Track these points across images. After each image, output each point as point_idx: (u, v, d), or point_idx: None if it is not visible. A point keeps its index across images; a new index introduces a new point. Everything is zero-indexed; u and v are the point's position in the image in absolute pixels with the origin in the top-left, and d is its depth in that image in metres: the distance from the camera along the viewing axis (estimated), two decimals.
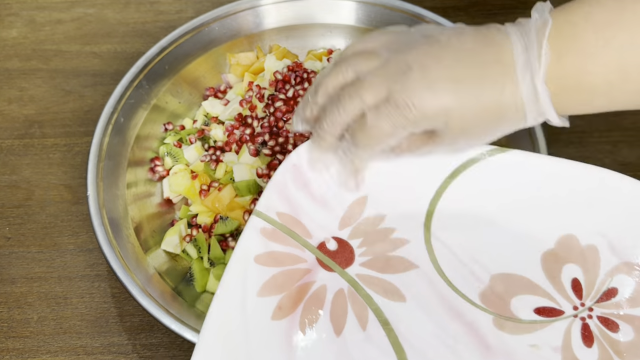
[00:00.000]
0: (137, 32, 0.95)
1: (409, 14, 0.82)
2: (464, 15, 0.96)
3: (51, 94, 0.90)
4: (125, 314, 0.73)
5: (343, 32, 0.86)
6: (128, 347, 0.71)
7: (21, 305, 0.74)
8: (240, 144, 0.77)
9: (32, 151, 0.85)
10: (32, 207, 0.80)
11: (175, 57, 0.81)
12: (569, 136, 0.84)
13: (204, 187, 0.76)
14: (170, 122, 0.81)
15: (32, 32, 0.96)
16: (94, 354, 0.71)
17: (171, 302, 0.67)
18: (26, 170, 0.83)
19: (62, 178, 0.82)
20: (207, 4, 0.98)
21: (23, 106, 0.89)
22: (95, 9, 0.98)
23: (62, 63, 0.93)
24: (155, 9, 0.98)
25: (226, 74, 0.86)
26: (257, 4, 0.84)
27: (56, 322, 0.73)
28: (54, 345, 0.71)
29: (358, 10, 0.84)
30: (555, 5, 0.57)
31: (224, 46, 0.84)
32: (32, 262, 0.76)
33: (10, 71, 0.92)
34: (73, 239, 0.78)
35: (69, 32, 0.96)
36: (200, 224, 0.75)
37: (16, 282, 0.75)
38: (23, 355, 0.71)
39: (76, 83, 0.90)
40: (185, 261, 0.74)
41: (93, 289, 0.75)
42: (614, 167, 0.81)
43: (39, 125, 0.87)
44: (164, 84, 0.80)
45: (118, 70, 0.91)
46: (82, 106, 0.88)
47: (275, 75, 0.81)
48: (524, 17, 0.57)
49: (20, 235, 0.78)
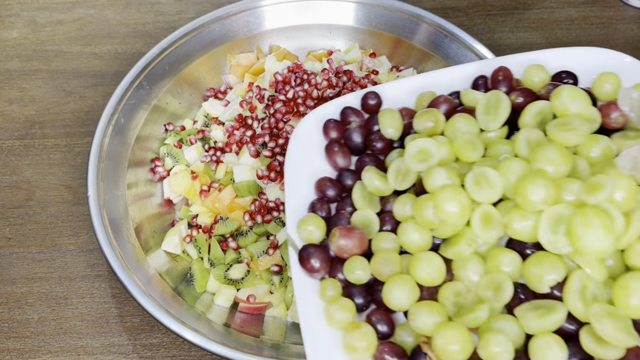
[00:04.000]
0: (137, 33, 0.96)
1: (409, 15, 0.83)
2: (464, 16, 0.96)
3: (52, 95, 0.90)
4: (125, 314, 0.73)
5: (343, 33, 0.86)
6: (128, 347, 0.71)
7: (22, 305, 0.74)
8: (241, 145, 0.77)
9: (33, 152, 0.85)
10: (33, 207, 0.81)
11: (175, 58, 0.81)
12: None
13: (204, 187, 0.76)
14: (170, 123, 0.81)
15: (33, 33, 0.96)
16: (95, 354, 0.71)
17: (171, 302, 0.67)
18: (27, 171, 0.83)
19: (62, 178, 0.83)
20: (208, 4, 0.98)
21: (24, 107, 0.89)
22: (96, 9, 0.98)
23: (62, 64, 0.93)
24: (155, 10, 0.98)
25: (226, 74, 0.86)
26: (257, 5, 0.84)
27: (56, 323, 0.73)
28: (54, 345, 0.72)
29: (358, 11, 0.84)
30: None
31: (224, 47, 0.84)
32: (33, 263, 0.77)
33: (11, 72, 0.92)
34: (73, 240, 0.78)
35: (69, 33, 0.96)
36: (200, 225, 0.75)
37: (17, 283, 0.75)
38: (23, 355, 0.71)
39: (77, 84, 0.91)
40: (186, 261, 0.74)
41: (93, 289, 0.75)
42: None
43: (40, 126, 0.87)
44: (164, 84, 0.81)
45: (118, 71, 0.91)
46: (83, 107, 0.88)
47: (275, 76, 0.81)
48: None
49: (20, 236, 0.79)
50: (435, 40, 0.82)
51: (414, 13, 0.82)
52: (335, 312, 0.50)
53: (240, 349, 0.63)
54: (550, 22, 0.95)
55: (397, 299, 0.48)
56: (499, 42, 0.93)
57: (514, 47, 0.92)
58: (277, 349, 0.65)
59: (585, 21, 0.95)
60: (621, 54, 0.59)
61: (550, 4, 0.97)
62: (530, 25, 0.94)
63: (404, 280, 0.49)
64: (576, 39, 0.93)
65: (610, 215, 0.45)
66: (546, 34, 0.93)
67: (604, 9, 0.96)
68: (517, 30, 0.94)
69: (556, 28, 0.94)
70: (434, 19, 0.82)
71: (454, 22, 0.93)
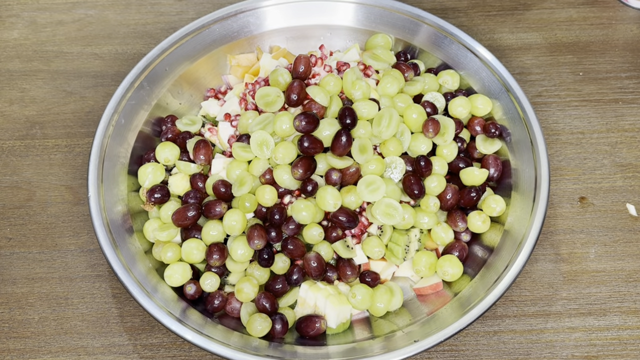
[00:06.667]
0: (138, 33, 0.96)
1: (409, 16, 0.83)
2: (464, 16, 0.96)
3: (52, 95, 0.90)
4: (125, 315, 0.73)
5: (343, 34, 0.86)
6: (129, 347, 0.71)
7: (22, 305, 0.74)
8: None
9: (34, 152, 0.85)
10: (33, 207, 0.81)
11: (176, 59, 0.81)
12: (568, 137, 0.85)
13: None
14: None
15: (33, 34, 0.96)
16: (95, 354, 0.71)
17: (172, 302, 0.67)
18: (27, 171, 0.83)
19: (63, 179, 0.83)
20: (208, 5, 0.98)
21: (24, 107, 0.89)
22: (96, 10, 0.98)
23: (63, 64, 0.93)
24: (156, 10, 0.98)
25: (227, 75, 0.86)
26: (258, 5, 0.84)
27: (57, 323, 0.73)
28: (54, 345, 0.72)
29: (358, 12, 0.84)
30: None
31: (225, 47, 0.84)
32: (33, 263, 0.77)
33: (11, 72, 0.92)
34: (74, 240, 0.78)
35: (70, 34, 0.96)
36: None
37: (17, 283, 0.75)
38: (24, 355, 0.71)
39: (77, 84, 0.91)
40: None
41: (94, 289, 0.75)
42: (613, 167, 0.82)
43: (40, 126, 0.87)
44: (164, 85, 0.81)
45: (119, 72, 0.91)
46: (83, 107, 0.88)
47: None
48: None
49: (21, 236, 0.79)
50: (435, 41, 0.82)
51: (414, 14, 0.82)
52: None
53: (241, 349, 0.63)
54: (550, 22, 0.95)
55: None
56: (499, 43, 0.93)
57: (513, 47, 0.92)
58: (277, 349, 0.65)
59: (585, 21, 0.95)
60: None
61: (550, 5, 0.97)
62: (530, 25, 0.94)
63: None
64: (576, 39, 0.93)
65: None
66: (546, 34, 0.93)
67: (604, 9, 0.96)
68: (517, 31, 0.94)
69: (556, 28, 0.94)
70: (434, 20, 0.82)
71: (454, 23, 0.93)
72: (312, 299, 0.69)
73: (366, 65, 0.80)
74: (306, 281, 0.70)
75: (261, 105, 0.74)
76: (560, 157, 0.83)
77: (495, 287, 0.66)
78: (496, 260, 0.69)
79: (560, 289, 0.74)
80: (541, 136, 0.73)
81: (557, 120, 0.86)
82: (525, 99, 0.75)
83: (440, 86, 0.81)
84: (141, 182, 0.74)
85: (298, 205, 0.69)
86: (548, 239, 0.77)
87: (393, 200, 0.70)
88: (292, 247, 0.69)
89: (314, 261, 0.69)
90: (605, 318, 0.72)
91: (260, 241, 0.67)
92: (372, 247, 0.71)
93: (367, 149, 0.70)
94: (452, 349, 0.71)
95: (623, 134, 0.85)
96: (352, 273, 0.70)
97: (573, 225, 0.78)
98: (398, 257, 0.72)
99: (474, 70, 0.80)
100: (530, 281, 0.75)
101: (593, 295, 0.74)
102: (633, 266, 0.75)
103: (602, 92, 0.88)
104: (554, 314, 0.73)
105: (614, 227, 0.78)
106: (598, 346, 0.71)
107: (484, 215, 0.73)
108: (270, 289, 0.70)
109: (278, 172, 0.71)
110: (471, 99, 0.78)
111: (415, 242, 0.72)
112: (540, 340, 0.71)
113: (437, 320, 0.66)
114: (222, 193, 0.72)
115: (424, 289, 0.72)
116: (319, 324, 0.67)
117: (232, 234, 0.70)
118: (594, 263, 0.76)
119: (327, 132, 0.71)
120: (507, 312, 0.73)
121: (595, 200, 0.80)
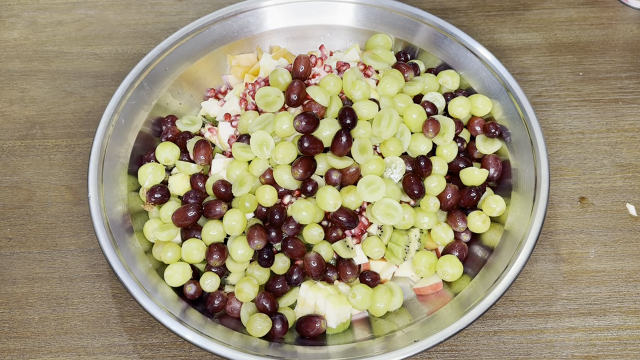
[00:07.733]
0: (138, 34, 0.96)
1: (409, 16, 0.83)
2: (464, 16, 0.96)
3: (52, 95, 0.90)
4: (126, 315, 0.73)
5: (343, 34, 0.86)
6: (129, 347, 0.71)
7: (22, 305, 0.74)
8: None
9: (34, 152, 0.85)
10: (33, 207, 0.81)
11: (176, 59, 0.81)
12: (568, 137, 0.85)
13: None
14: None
15: (34, 34, 0.96)
16: (95, 354, 0.71)
17: (172, 302, 0.67)
18: (27, 171, 0.83)
19: (63, 179, 0.83)
20: (208, 5, 0.98)
21: (24, 107, 0.89)
22: (97, 10, 0.98)
23: (63, 64, 0.93)
24: (156, 11, 0.98)
25: (227, 75, 0.86)
26: (258, 6, 0.84)
27: (57, 323, 0.73)
28: (55, 345, 0.72)
29: (358, 12, 0.84)
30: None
31: (225, 48, 0.84)
32: (33, 263, 0.77)
33: (11, 72, 0.92)
34: (74, 240, 0.78)
35: (70, 34, 0.96)
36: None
37: (17, 283, 0.76)
38: (24, 355, 0.71)
39: (77, 84, 0.91)
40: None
41: (94, 289, 0.75)
42: (613, 167, 0.82)
43: (40, 126, 0.87)
44: (164, 85, 0.81)
45: (119, 72, 0.91)
46: (83, 107, 0.89)
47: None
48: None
49: (21, 236, 0.79)
50: (435, 41, 0.82)
51: (414, 14, 0.82)
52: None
53: (241, 349, 0.63)
54: (550, 22, 0.95)
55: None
56: (499, 43, 0.93)
57: (513, 47, 0.92)
58: (277, 349, 0.65)
59: (585, 22, 0.95)
60: None
61: (550, 5, 0.97)
62: (530, 25, 0.94)
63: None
64: (576, 40, 0.93)
65: None
66: (546, 34, 0.93)
67: (604, 9, 0.96)
68: (517, 31, 0.94)
69: (556, 29, 0.94)
70: (434, 20, 0.82)
71: (454, 23, 0.94)
72: (312, 299, 0.69)
73: (366, 65, 0.80)
74: (306, 281, 0.70)
75: (261, 106, 0.74)
76: (560, 157, 0.83)
77: (495, 287, 0.66)
78: (496, 260, 0.69)
79: (560, 289, 0.74)
80: (541, 136, 0.73)
81: (557, 120, 0.86)
82: (525, 99, 0.75)
83: (440, 86, 0.82)
84: (141, 182, 0.74)
85: (298, 205, 0.69)
86: (548, 239, 0.78)
87: (393, 200, 0.70)
88: (292, 247, 0.69)
89: (314, 261, 0.69)
90: (605, 318, 0.72)
91: (260, 241, 0.68)
92: (372, 247, 0.71)
93: (367, 149, 0.70)
94: (452, 349, 0.71)
95: (623, 134, 0.85)
96: (352, 273, 0.70)
97: (573, 225, 0.79)
98: (398, 257, 0.72)
99: (474, 70, 0.80)
100: (530, 281, 0.75)
101: (593, 295, 0.74)
102: (633, 266, 0.75)
103: (602, 92, 0.88)
104: (554, 314, 0.73)
105: (614, 227, 0.78)
106: (598, 346, 0.71)
107: (484, 215, 0.73)
108: (270, 289, 0.70)
109: (278, 172, 0.71)
110: (471, 99, 0.78)
111: (415, 242, 0.72)
112: (540, 340, 0.71)
113: (437, 320, 0.66)
114: (222, 193, 0.72)
115: (424, 289, 0.72)
116: (319, 324, 0.67)
117: (232, 234, 0.70)
118: (594, 263, 0.76)
119: (327, 132, 0.71)
120: (507, 312, 0.73)
121: (595, 200, 0.80)
